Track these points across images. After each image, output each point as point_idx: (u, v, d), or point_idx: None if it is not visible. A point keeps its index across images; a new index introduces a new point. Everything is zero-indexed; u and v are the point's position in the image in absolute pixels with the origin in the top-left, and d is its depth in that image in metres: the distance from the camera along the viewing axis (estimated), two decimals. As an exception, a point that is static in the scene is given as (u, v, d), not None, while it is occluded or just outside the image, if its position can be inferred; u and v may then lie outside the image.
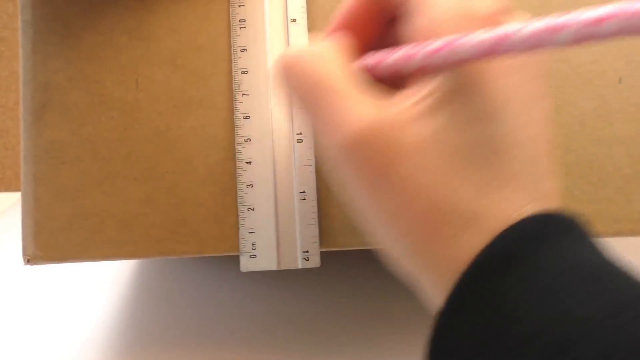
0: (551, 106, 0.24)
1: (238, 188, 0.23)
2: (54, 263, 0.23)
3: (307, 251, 0.23)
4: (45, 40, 0.23)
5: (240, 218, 0.23)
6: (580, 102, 0.24)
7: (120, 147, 0.23)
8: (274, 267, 0.23)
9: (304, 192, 0.23)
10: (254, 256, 0.23)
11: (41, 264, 0.23)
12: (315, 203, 0.23)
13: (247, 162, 0.23)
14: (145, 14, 0.23)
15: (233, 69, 0.23)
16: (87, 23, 0.23)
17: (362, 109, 0.16)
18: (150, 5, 0.24)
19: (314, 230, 0.23)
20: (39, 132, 0.23)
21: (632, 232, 0.25)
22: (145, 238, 0.23)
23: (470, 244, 0.15)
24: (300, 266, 0.23)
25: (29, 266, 0.23)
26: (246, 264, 0.23)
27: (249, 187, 0.23)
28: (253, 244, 0.23)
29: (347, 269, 0.35)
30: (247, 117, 0.23)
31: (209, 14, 0.24)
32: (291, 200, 0.23)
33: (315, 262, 0.23)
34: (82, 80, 0.23)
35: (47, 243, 0.23)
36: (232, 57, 0.24)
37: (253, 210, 0.23)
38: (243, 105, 0.23)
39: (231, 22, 0.24)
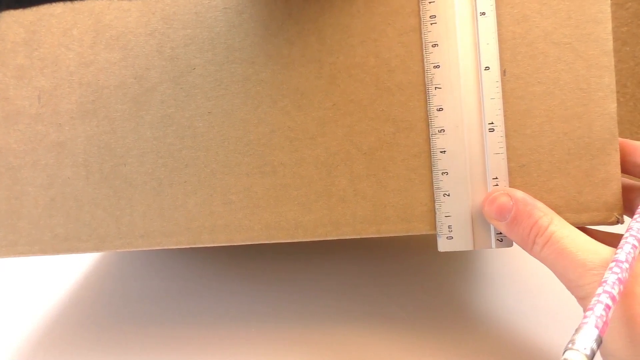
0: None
1: (434, 176, 0.25)
2: None
3: (500, 232, 0.25)
4: None
5: (436, 203, 0.25)
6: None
7: (27, 157, 0.27)
8: (469, 248, 0.25)
9: (496, 178, 0.25)
10: (450, 237, 0.25)
11: None
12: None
13: (441, 152, 0.25)
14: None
15: (425, 64, 0.25)
16: None
17: None
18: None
19: (506, 214, 0.25)
20: None
21: None
22: (52, 237, 0.27)
23: None
24: (493, 247, 0.25)
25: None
26: (443, 245, 0.25)
27: (444, 174, 0.25)
28: (449, 227, 0.25)
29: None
30: (440, 109, 0.25)
31: None
32: (484, 186, 0.25)
33: (507, 243, 0.25)
34: None
35: None
36: (424, 52, 0.25)
37: (448, 196, 0.25)
38: (436, 98, 0.25)
39: (422, 18, 0.25)
